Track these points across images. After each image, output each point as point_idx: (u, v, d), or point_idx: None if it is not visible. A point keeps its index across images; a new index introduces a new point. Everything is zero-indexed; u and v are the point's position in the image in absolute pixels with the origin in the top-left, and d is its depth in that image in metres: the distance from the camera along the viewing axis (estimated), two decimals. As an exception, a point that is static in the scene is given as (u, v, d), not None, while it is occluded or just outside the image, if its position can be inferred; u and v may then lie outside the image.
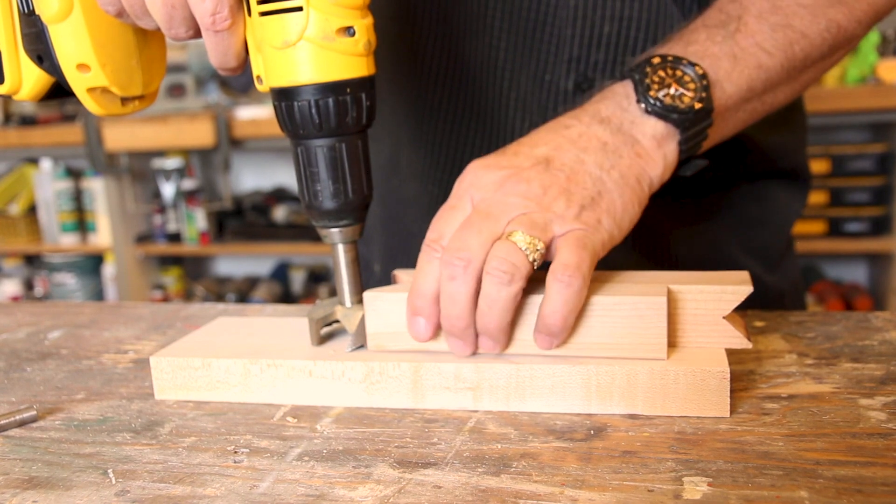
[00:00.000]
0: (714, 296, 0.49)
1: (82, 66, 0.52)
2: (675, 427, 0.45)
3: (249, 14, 0.49)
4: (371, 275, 0.82)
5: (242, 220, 2.87)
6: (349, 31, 0.48)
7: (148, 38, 0.56)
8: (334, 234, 0.52)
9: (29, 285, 3.18)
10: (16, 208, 3.07)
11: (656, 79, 0.52)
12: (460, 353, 0.49)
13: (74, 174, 2.97)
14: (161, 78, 0.58)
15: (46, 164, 2.97)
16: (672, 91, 0.52)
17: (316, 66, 0.48)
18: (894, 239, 2.34)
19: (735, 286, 0.48)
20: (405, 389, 0.50)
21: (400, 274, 0.55)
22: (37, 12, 0.52)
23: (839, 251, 2.39)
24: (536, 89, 0.67)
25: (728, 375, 0.46)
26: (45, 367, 0.61)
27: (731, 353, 0.54)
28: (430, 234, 0.50)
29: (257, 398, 0.52)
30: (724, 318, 0.48)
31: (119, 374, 0.59)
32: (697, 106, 0.52)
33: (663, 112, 0.51)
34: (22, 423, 0.50)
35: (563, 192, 0.49)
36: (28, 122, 2.92)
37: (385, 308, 0.51)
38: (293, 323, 0.58)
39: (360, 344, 0.52)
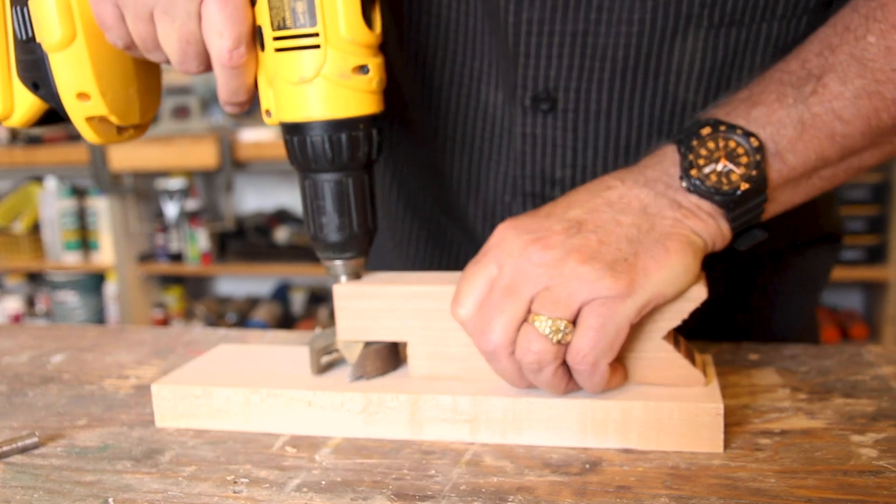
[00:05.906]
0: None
1: (82, 95, 0.52)
2: (669, 462, 0.46)
3: (263, 49, 0.50)
4: None
5: (244, 240, 2.88)
6: (363, 69, 0.49)
7: (146, 67, 0.56)
8: (338, 266, 0.53)
9: (31, 303, 3.18)
10: (20, 226, 3.08)
11: (704, 152, 0.49)
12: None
13: (79, 193, 2.99)
14: (157, 106, 0.58)
15: (51, 182, 2.98)
16: (719, 168, 0.48)
17: (331, 103, 0.49)
18: (890, 267, 2.35)
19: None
20: (403, 421, 0.50)
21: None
22: (37, 40, 0.51)
23: (835, 279, 2.37)
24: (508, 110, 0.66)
25: (722, 412, 0.46)
26: (47, 392, 0.62)
27: (726, 387, 0.54)
28: (455, 295, 0.49)
29: (257, 427, 0.53)
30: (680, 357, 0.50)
31: (120, 400, 0.59)
32: (744, 187, 0.48)
33: (706, 193, 0.48)
34: (24, 450, 0.51)
35: (590, 256, 0.46)
36: (34, 141, 2.94)
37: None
38: (294, 351, 0.59)
39: (361, 374, 0.53)
